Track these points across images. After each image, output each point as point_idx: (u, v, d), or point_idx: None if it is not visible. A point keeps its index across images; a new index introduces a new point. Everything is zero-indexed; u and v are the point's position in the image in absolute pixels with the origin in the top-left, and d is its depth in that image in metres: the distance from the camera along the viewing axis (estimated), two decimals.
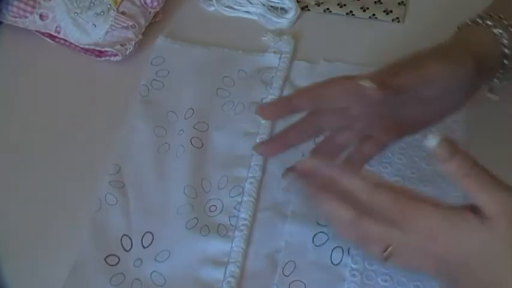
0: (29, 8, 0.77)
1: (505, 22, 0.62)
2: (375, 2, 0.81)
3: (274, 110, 0.60)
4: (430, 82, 0.57)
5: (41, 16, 0.77)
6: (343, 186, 0.52)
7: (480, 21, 0.62)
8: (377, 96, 0.54)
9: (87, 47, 0.77)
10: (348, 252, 0.62)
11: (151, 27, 0.79)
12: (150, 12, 0.79)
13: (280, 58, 0.76)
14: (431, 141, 0.47)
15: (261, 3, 0.80)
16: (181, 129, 0.70)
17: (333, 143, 0.61)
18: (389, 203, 0.50)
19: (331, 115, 0.59)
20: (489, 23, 0.61)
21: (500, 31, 0.61)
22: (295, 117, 0.60)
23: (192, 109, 0.72)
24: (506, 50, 0.61)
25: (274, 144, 0.62)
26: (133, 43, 0.76)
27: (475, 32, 0.62)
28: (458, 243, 0.48)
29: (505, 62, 0.62)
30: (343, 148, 0.61)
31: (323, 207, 0.54)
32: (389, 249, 0.50)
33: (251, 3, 0.81)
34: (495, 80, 0.64)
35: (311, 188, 0.54)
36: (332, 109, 0.58)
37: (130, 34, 0.76)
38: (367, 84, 0.54)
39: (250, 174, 0.67)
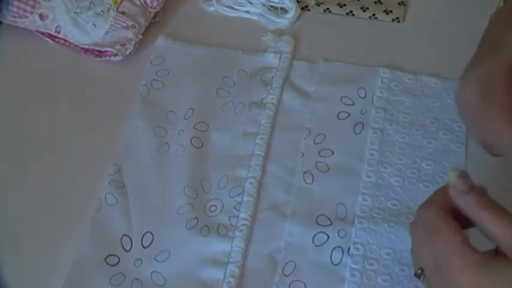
0: (29, 8, 0.77)
1: None
2: (375, 2, 0.81)
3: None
4: None
5: (41, 16, 0.77)
6: None
7: None
8: None
9: (87, 47, 0.77)
10: (348, 252, 0.62)
11: (151, 27, 0.79)
12: (150, 12, 0.79)
13: (280, 58, 0.76)
14: (453, 174, 0.50)
15: (261, 3, 0.80)
16: (181, 129, 0.70)
17: None
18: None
19: None
20: None
21: None
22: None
23: (192, 109, 0.72)
24: None
25: None
26: (133, 43, 0.76)
27: None
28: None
29: None
30: None
31: None
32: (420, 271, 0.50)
33: (251, 3, 0.81)
34: None
35: None
36: None
37: (130, 34, 0.76)
38: None
39: (250, 174, 0.67)
